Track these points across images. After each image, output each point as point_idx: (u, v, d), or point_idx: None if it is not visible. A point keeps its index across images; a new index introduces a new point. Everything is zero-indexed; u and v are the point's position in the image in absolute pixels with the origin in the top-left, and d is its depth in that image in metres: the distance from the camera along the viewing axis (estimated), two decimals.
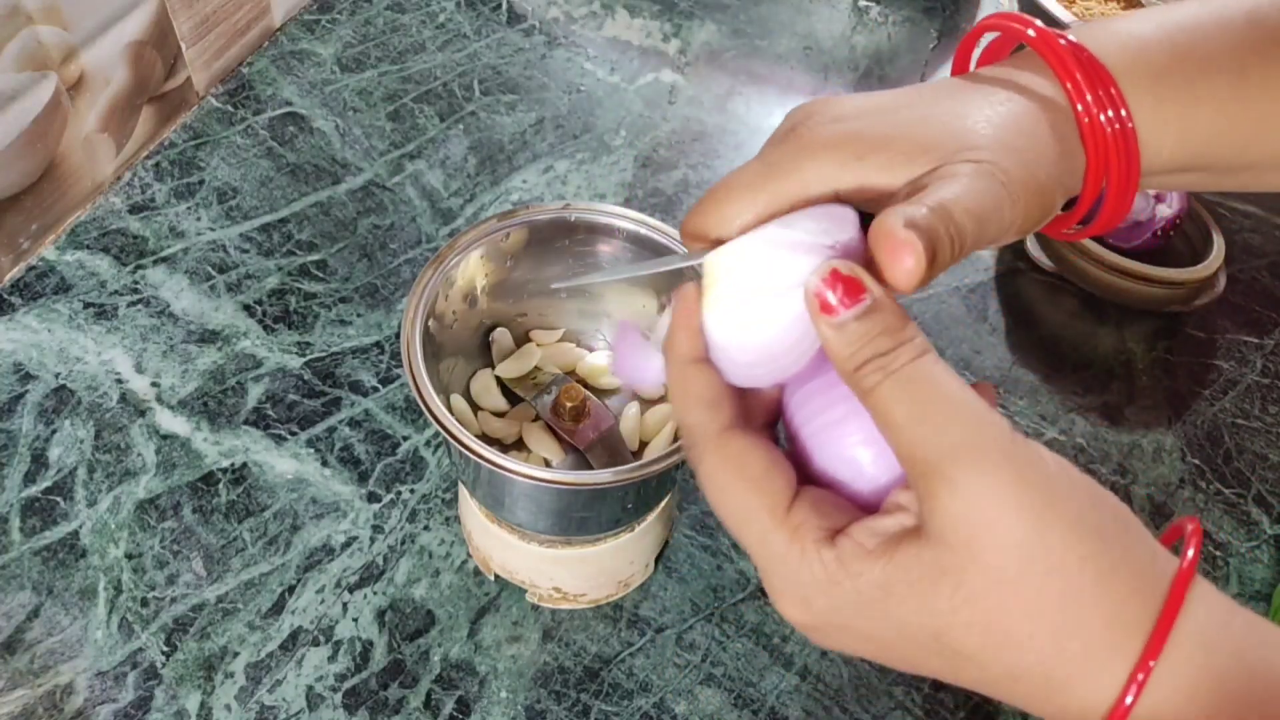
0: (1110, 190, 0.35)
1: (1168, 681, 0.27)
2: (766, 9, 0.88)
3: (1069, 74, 0.34)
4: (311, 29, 0.82)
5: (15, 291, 0.66)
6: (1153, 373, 0.69)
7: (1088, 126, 0.34)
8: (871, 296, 0.28)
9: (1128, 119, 0.34)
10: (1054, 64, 0.34)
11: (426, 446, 0.62)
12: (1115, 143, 0.34)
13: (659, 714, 0.54)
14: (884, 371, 0.28)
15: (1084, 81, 0.34)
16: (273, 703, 0.53)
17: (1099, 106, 0.34)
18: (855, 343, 0.28)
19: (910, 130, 0.33)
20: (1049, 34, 0.35)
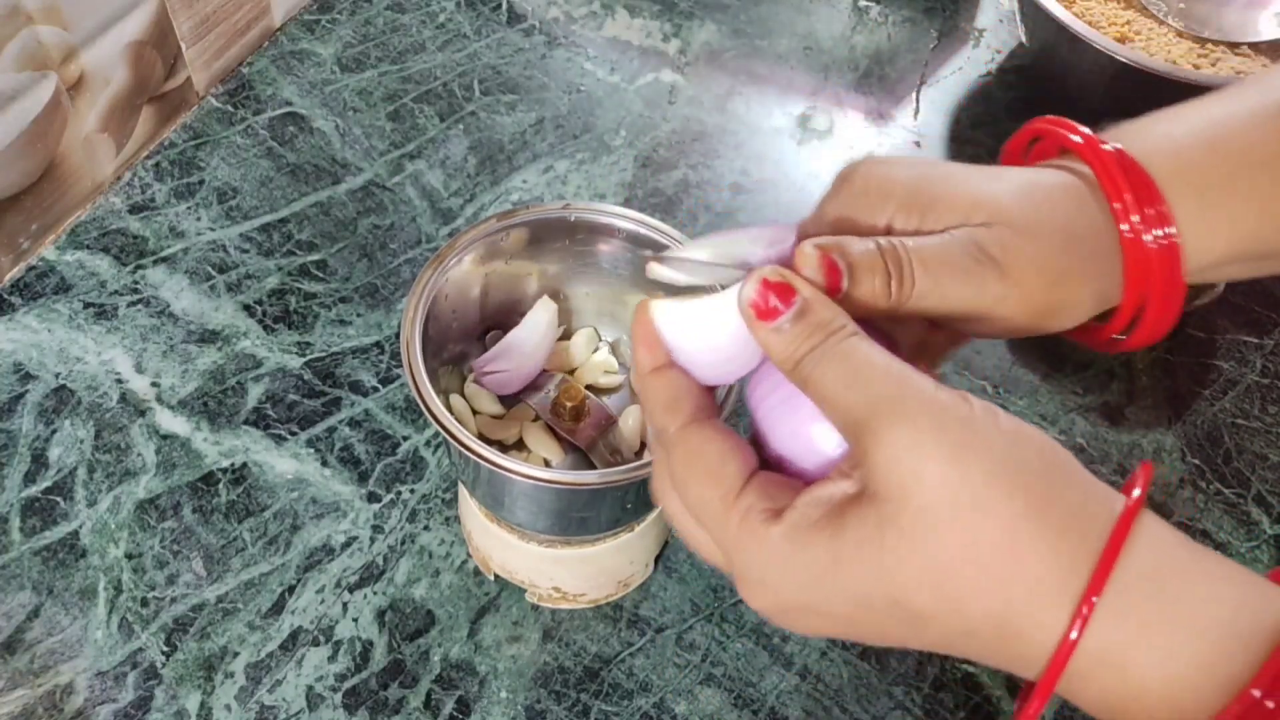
0: (1151, 304, 0.35)
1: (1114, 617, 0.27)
2: (766, 9, 0.88)
3: (1118, 191, 0.34)
4: (311, 29, 0.82)
5: (15, 291, 0.66)
6: (1153, 373, 0.69)
7: (1130, 241, 0.34)
8: (802, 297, 0.30)
9: (1176, 235, 0.34)
10: (1101, 177, 0.34)
11: (426, 446, 0.62)
12: (1160, 259, 0.34)
13: (659, 714, 0.54)
14: (813, 360, 0.30)
15: (1132, 200, 0.34)
16: (273, 703, 0.53)
17: (1146, 224, 0.34)
18: (793, 343, 0.30)
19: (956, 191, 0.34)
20: (1095, 141, 0.35)
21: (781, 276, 0.30)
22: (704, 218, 0.74)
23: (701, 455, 0.32)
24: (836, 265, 0.31)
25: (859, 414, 0.29)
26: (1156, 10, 0.79)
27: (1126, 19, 0.78)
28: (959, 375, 0.68)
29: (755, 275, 0.30)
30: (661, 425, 0.33)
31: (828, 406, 0.30)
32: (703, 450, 0.32)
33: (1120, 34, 0.76)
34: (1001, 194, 0.34)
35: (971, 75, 0.85)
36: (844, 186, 0.35)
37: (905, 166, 0.35)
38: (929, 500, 0.28)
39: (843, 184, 0.35)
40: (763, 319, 0.30)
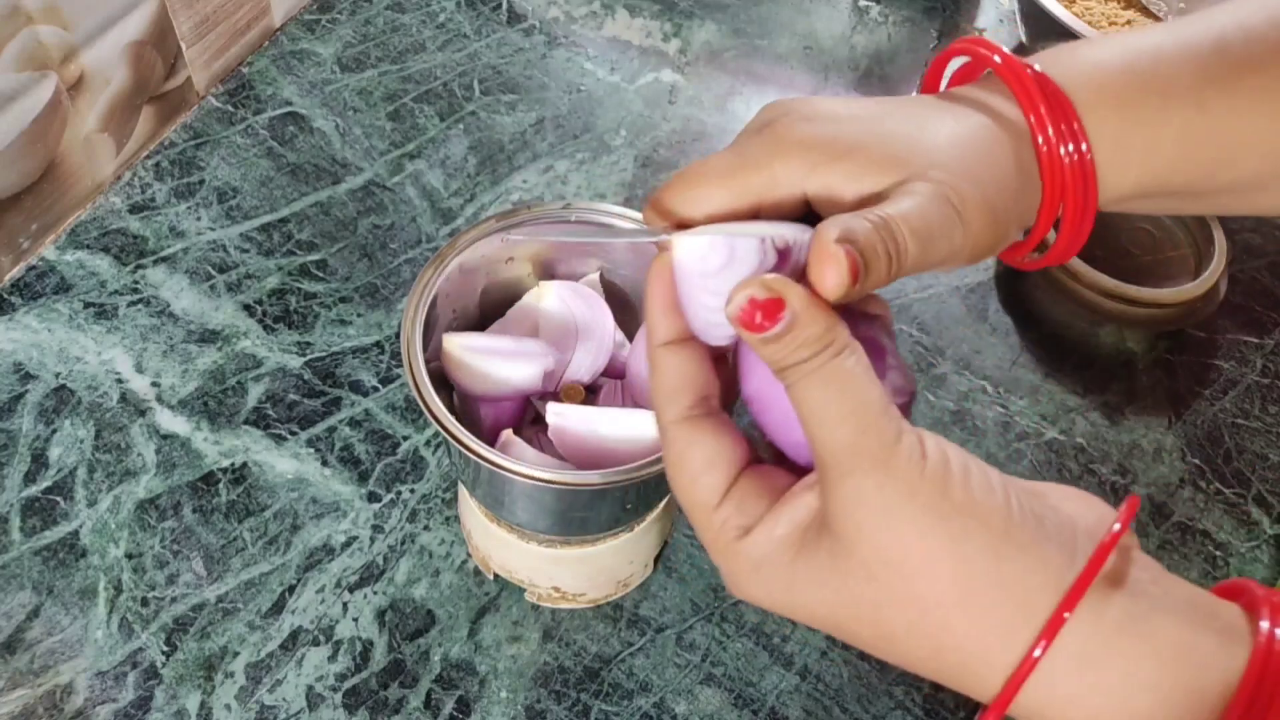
0: (1066, 222, 0.36)
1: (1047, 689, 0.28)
2: (766, 9, 0.88)
3: (1033, 106, 0.35)
4: (311, 29, 0.82)
5: (15, 291, 0.66)
6: (1153, 373, 0.69)
7: (1047, 159, 0.35)
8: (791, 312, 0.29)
9: (1087, 153, 0.35)
10: (1019, 95, 0.35)
11: (426, 446, 0.62)
12: (1073, 176, 0.35)
13: (659, 714, 0.54)
14: (799, 373, 0.30)
15: (1047, 115, 0.35)
16: (273, 702, 0.53)
17: (1060, 140, 0.35)
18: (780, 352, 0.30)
19: (882, 141, 0.34)
20: (1016, 63, 0.36)
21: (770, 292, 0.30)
22: None
23: (685, 460, 0.32)
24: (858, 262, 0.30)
25: (823, 451, 0.29)
26: (1157, 10, 0.79)
27: (1127, 19, 0.78)
28: (959, 375, 0.68)
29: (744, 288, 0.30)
30: (659, 410, 0.33)
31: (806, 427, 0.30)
32: (687, 454, 0.32)
33: None
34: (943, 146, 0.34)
35: None
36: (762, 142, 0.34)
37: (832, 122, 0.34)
38: (870, 554, 0.29)
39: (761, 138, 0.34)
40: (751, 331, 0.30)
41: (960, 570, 0.28)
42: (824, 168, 0.33)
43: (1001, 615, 0.28)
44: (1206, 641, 0.28)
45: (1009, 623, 0.28)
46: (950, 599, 0.29)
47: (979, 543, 0.29)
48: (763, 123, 0.35)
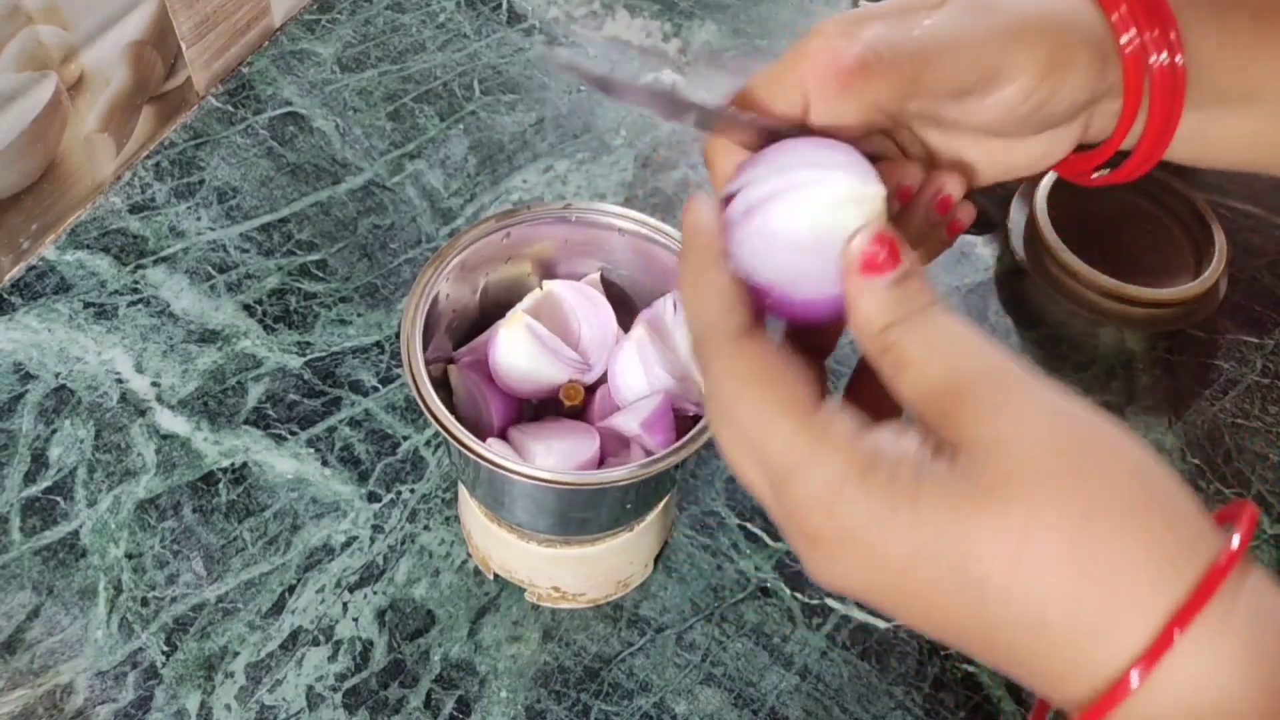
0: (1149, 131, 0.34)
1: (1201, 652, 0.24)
2: (766, 9, 0.88)
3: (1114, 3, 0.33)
4: (311, 29, 0.82)
5: (15, 291, 0.66)
6: (1153, 373, 0.69)
7: (1130, 57, 0.33)
8: (908, 262, 0.28)
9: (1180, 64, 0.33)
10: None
11: (426, 446, 0.62)
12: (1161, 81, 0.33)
13: (659, 714, 0.54)
14: (908, 324, 0.28)
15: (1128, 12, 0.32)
16: (273, 702, 0.53)
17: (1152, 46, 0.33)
18: (885, 307, 0.28)
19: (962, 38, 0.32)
20: None
21: (895, 235, 0.28)
22: None
23: (766, 365, 0.28)
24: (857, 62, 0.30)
25: (949, 381, 0.27)
26: None
27: None
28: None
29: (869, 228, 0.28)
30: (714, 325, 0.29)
31: (909, 376, 0.27)
32: (765, 359, 0.28)
33: None
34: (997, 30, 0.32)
35: None
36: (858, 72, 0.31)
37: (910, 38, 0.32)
38: (1023, 457, 0.25)
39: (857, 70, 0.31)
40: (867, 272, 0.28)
41: (1137, 493, 0.25)
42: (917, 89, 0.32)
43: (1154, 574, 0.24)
44: None
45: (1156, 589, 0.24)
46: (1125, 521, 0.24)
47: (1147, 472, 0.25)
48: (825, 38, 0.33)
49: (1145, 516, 0.25)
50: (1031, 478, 0.25)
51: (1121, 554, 0.24)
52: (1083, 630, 0.25)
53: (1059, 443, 0.25)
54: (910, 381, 0.27)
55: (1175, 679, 0.24)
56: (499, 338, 0.49)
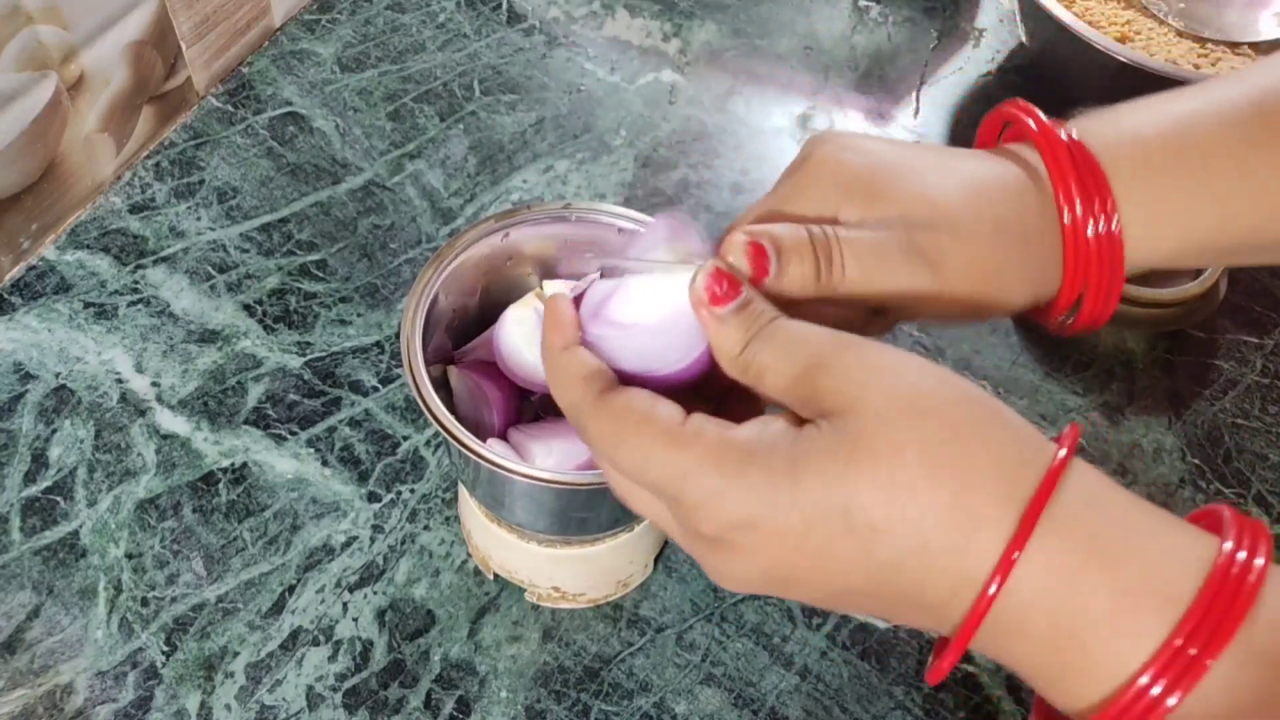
0: (1089, 296, 0.36)
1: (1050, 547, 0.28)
2: (766, 9, 0.88)
3: (1063, 180, 0.35)
4: (311, 29, 0.82)
5: (15, 291, 0.66)
6: (1153, 373, 0.69)
7: (1071, 232, 0.35)
8: (746, 291, 0.32)
9: (1117, 230, 0.35)
10: (1050, 166, 0.35)
11: (426, 446, 0.62)
12: (1099, 252, 0.35)
13: (659, 714, 0.54)
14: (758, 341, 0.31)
15: (1077, 189, 0.35)
16: (273, 702, 0.53)
17: (1086, 215, 0.35)
18: (736, 332, 0.32)
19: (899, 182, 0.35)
20: (1051, 132, 0.36)
21: (730, 268, 0.33)
22: (704, 218, 0.74)
23: (630, 408, 0.32)
24: (765, 250, 0.33)
25: (803, 365, 0.30)
26: (1157, 10, 0.79)
27: (1127, 19, 0.78)
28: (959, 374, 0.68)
29: (707, 265, 0.32)
30: (578, 397, 0.33)
31: (770, 378, 0.31)
32: (630, 404, 0.32)
33: (1120, 34, 0.76)
34: (945, 193, 0.35)
35: (971, 75, 0.85)
36: (801, 168, 0.36)
37: (862, 155, 0.36)
38: (878, 407, 0.29)
39: (801, 165, 0.37)
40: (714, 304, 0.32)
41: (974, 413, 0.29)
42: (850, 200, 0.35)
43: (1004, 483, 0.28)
44: (1172, 536, 0.29)
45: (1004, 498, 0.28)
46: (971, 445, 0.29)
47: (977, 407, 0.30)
48: (802, 157, 0.37)
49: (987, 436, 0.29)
50: (888, 424, 0.29)
51: (974, 468, 0.28)
52: (956, 539, 0.28)
53: (905, 391, 0.29)
54: (771, 384, 0.31)
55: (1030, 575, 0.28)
56: (507, 317, 0.50)
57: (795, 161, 0.37)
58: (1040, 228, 0.35)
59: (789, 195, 0.36)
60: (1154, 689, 0.27)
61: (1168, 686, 0.26)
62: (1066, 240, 0.35)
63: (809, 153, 0.37)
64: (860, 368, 0.30)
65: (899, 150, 0.37)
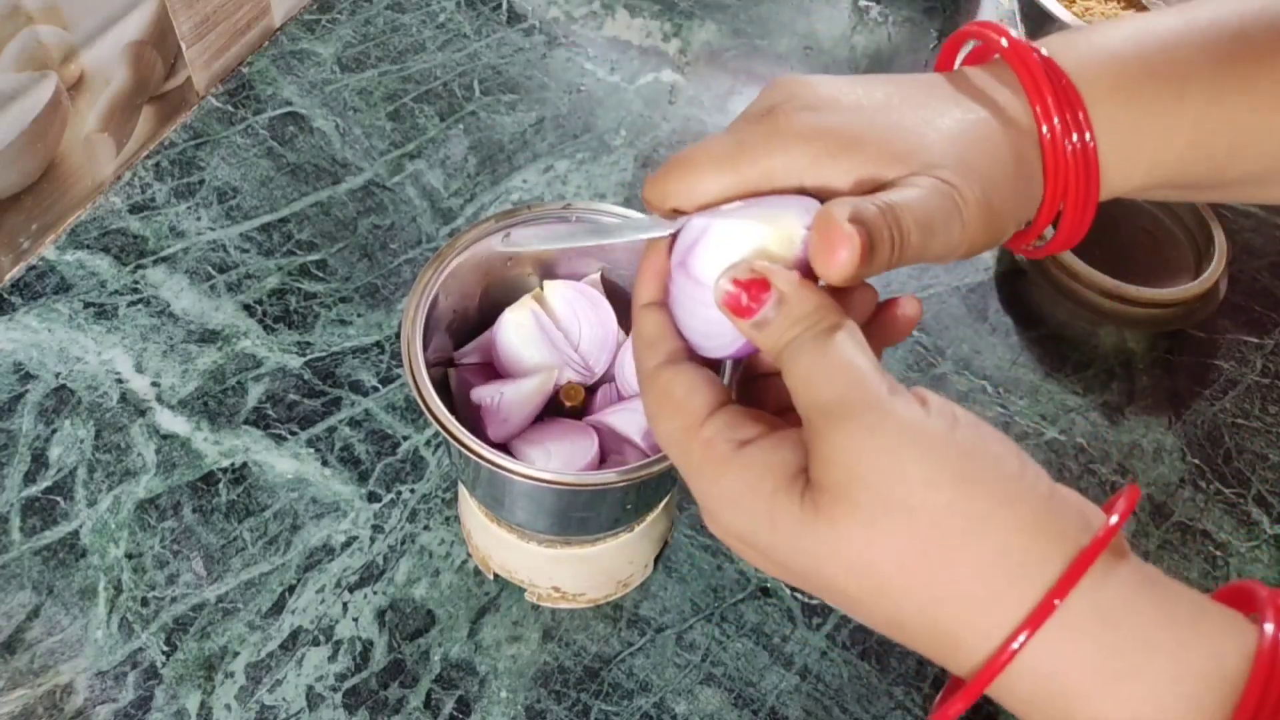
0: (1067, 211, 0.36)
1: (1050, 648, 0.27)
2: (766, 9, 0.88)
3: (1040, 96, 0.34)
4: (311, 29, 0.82)
5: (15, 291, 0.66)
6: (1153, 373, 0.69)
7: (1050, 149, 0.34)
8: (778, 291, 0.30)
9: (1091, 143, 0.34)
10: (1027, 84, 0.35)
11: (426, 446, 0.62)
12: (1075, 165, 0.35)
13: (659, 714, 0.54)
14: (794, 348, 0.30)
15: (1053, 104, 0.34)
16: (273, 702, 0.53)
17: (1064, 130, 0.34)
18: (774, 335, 0.30)
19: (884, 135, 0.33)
20: (1024, 49, 0.35)
21: (754, 272, 0.31)
22: None
23: (670, 389, 0.32)
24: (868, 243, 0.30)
25: (810, 411, 0.29)
26: (1155, 9, 0.78)
27: None
28: (959, 375, 0.68)
29: (728, 272, 0.31)
30: (641, 360, 0.34)
31: (796, 395, 0.30)
32: (671, 384, 0.32)
33: None
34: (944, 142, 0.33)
35: None
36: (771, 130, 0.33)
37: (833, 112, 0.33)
38: (861, 497, 0.28)
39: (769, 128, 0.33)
40: (740, 315, 0.31)
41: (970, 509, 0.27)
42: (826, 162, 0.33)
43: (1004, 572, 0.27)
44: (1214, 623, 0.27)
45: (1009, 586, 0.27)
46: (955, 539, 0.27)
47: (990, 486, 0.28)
48: (764, 109, 0.34)
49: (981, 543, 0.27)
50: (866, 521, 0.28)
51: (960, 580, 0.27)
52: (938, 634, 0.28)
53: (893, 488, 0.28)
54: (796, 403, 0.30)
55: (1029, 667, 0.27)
56: (505, 320, 0.50)
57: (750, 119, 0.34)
58: (1022, 148, 0.34)
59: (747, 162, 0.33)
60: None
61: None
62: (1046, 155, 0.35)
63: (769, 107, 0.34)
64: (851, 451, 0.28)
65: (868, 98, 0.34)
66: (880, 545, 0.28)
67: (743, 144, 0.33)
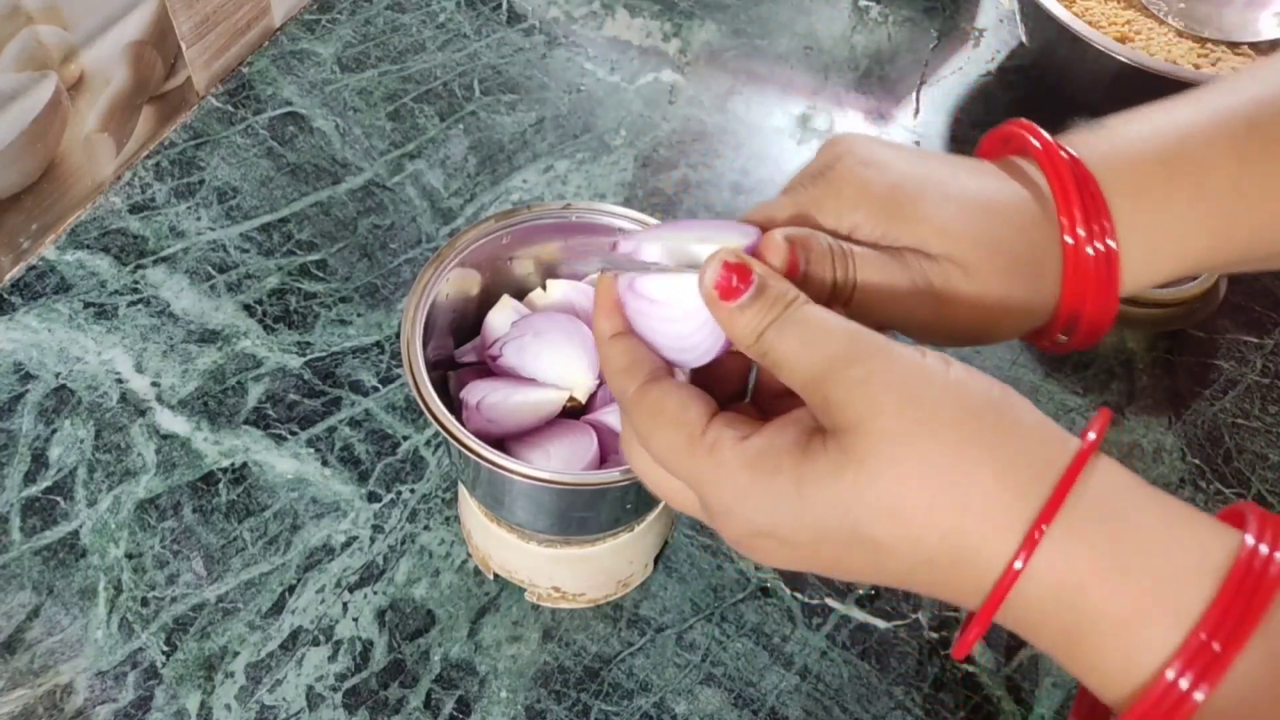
0: (1087, 313, 0.36)
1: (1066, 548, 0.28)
2: (766, 9, 0.88)
3: (1068, 206, 0.35)
4: (311, 29, 0.82)
5: (15, 291, 0.66)
6: (1153, 373, 0.69)
7: (1071, 253, 0.36)
8: (758, 276, 0.32)
9: (1114, 250, 0.35)
10: (1057, 192, 0.36)
11: (426, 446, 0.62)
12: (1098, 271, 0.36)
13: (659, 714, 0.54)
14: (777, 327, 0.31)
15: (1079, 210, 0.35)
16: (273, 702, 0.53)
17: (1089, 238, 0.35)
18: (754, 318, 0.32)
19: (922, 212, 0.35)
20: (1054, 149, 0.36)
21: (739, 258, 0.32)
22: (704, 218, 0.74)
23: (662, 406, 0.33)
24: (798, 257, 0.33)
25: (818, 368, 0.30)
26: (1157, 10, 0.79)
27: (1127, 19, 0.78)
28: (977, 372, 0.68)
29: (716, 258, 0.32)
30: (621, 387, 0.34)
31: (787, 370, 0.31)
32: (663, 402, 0.33)
33: (1120, 34, 0.76)
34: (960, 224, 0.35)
35: (971, 75, 0.85)
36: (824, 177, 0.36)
37: (884, 170, 0.36)
38: (883, 427, 0.29)
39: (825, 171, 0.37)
40: (725, 299, 0.32)
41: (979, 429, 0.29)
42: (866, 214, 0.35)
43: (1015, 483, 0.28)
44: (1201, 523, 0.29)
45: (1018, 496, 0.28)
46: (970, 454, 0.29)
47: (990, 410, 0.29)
48: (824, 165, 0.37)
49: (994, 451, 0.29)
50: (892, 445, 0.29)
51: (976, 486, 0.29)
52: (962, 556, 0.29)
53: (912, 410, 0.29)
54: (788, 377, 0.32)
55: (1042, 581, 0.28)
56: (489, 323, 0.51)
57: (816, 165, 0.37)
58: (1045, 252, 0.36)
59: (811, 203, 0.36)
60: (1181, 683, 0.27)
61: (1194, 681, 0.27)
62: (1067, 260, 0.36)
63: (831, 162, 0.37)
64: (869, 383, 0.29)
65: (918, 167, 0.36)
66: (906, 470, 0.29)
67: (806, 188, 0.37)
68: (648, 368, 0.34)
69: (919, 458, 0.29)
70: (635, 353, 0.35)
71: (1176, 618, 0.27)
